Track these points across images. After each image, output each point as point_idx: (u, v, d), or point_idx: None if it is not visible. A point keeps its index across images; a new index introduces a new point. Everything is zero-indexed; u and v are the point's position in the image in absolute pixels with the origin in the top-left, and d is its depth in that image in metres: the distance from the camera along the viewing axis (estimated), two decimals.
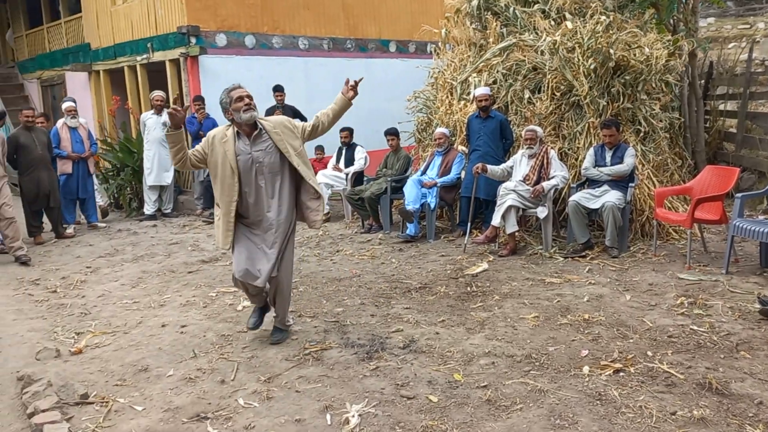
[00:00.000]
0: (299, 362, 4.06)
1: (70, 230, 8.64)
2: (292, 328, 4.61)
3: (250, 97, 4.04)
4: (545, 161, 6.64)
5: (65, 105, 9.13)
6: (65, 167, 8.79)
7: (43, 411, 3.39)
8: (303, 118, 9.94)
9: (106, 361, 4.18)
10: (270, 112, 9.80)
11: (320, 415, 3.35)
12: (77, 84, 13.97)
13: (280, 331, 4.49)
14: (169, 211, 9.88)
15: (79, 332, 4.77)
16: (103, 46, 12.95)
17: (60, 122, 9.05)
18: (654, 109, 7.40)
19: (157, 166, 9.56)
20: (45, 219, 8.45)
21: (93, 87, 13.53)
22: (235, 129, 4.11)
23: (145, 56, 11.65)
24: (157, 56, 11.41)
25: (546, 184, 6.51)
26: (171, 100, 10.44)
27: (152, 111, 9.65)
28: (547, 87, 7.39)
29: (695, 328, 4.34)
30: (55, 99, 15.38)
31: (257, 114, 4.10)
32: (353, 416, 3.28)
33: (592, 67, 7.04)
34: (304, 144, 4.29)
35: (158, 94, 9.61)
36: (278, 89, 9.76)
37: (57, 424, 3.24)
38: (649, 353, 3.97)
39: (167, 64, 11.28)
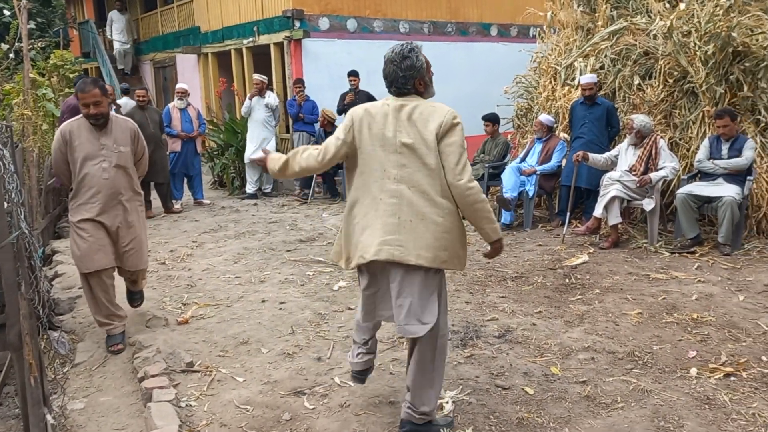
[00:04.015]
0: (393, 345, 4.08)
1: (177, 206, 9.08)
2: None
3: None
4: (654, 151, 6.31)
5: (177, 86, 9.58)
6: (174, 146, 9.22)
7: (153, 376, 3.59)
8: None
9: (210, 332, 4.37)
10: (343, 96, 9.87)
11: None
12: (187, 66, 14.62)
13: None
14: (268, 190, 10.18)
15: (186, 303, 5.01)
16: (212, 29, 13.46)
17: (171, 103, 9.51)
18: None
19: (258, 147, 9.83)
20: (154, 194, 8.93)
21: (201, 69, 14.11)
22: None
23: (251, 39, 12.01)
24: (263, 39, 11.74)
25: (654, 175, 6.19)
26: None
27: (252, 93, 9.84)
28: (659, 73, 7.01)
29: None
30: (166, 80, 16.17)
31: None
32: (447, 402, 3.27)
33: (710, 52, 6.62)
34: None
35: (257, 77, 9.80)
36: (352, 74, 9.94)
37: (165, 390, 3.43)
38: (764, 358, 3.72)
39: (272, 47, 11.58)
